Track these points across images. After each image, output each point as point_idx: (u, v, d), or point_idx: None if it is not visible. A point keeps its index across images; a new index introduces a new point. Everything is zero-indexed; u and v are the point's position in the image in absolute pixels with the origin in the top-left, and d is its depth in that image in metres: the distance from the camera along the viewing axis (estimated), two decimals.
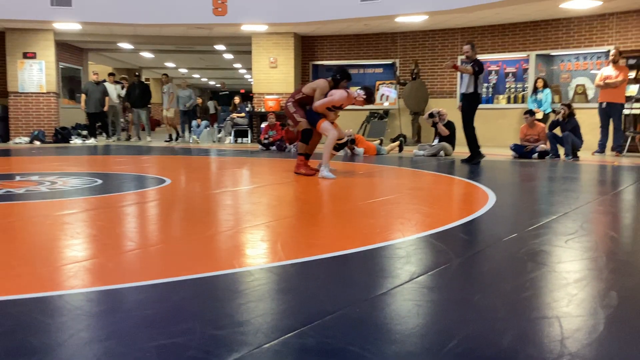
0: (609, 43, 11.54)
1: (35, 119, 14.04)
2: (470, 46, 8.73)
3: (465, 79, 8.71)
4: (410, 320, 2.02)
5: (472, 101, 8.66)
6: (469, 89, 8.60)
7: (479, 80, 8.56)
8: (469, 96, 8.66)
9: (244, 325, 1.92)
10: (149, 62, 22.41)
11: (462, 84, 8.80)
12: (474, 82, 8.54)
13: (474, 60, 8.61)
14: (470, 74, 8.53)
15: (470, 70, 8.50)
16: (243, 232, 3.61)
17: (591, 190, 6.04)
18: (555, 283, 2.48)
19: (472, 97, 8.63)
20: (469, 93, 8.64)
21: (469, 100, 8.69)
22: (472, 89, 8.57)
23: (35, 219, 4.16)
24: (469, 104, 8.69)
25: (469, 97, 8.66)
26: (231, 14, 12.99)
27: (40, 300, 2.20)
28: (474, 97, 8.63)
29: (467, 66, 8.61)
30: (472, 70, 8.48)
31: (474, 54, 8.72)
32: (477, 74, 8.51)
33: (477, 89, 8.59)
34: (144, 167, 8.13)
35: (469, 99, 8.67)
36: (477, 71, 8.49)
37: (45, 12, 12.75)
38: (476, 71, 8.48)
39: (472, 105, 8.66)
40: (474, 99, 8.65)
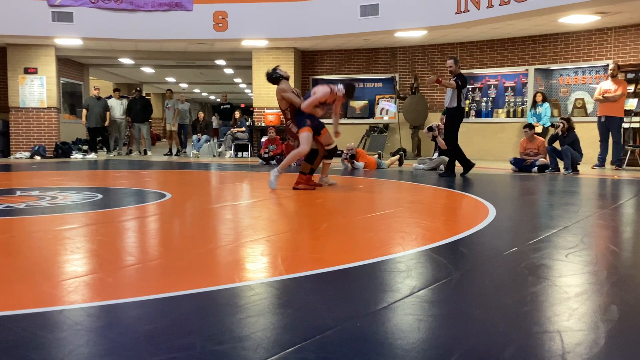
0: (608, 57, 11.60)
1: (36, 133, 14.08)
2: (453, 61, 8.83)
3: (449, 94, 8.78)
4: (411, 334, 2.01)
5: (455, 115, 8.79)
6: (452, 103, 8.71)
7: (462, 94, 8.67)
8: (452, 110, 8.77)
9: (245, 340, 1.92)
10: (149, 77, 22.51)
11: (446, 99, 8.91)
12: (457, 96, 8.64)
13: (457, 75, 8.71)
14: (453, 88, 8.61)
15: (453, 84, 8.59)
16: (243, 246, 3.61)
17: (591, 204, 6.04)
18: (556, 297, 2.48)
19: (455, 111, 8.75)
20: (452, 107, 8.74)
21: (452, 115, 8.80)
22: (456, 103, 8.68)
23: (35, 233, 4.16)
24: (452, 118, 8.81)
25: (452, 111, 8.78)
26: (232, 30, 13.07)
27: (41, 316, 2.20)
28: (457, 112, 8.76)
29: (451, 80, 8.70)
30: (456, 84, 8.56)
31: (457, 69, 8.81)
32: (460, 88, 8.61)
33: (461, 103, 8.71)
34: (144, 182, 8.14)
35: (453, 114, 8.79)
36: (460, 85, 8.59)
37: (46, 27, 12.82)
38: (459, 85, 8.58)
39: (456, 119, 8.80)
40: (457, 114, 8.78)
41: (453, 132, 8.85)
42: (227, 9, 13.00)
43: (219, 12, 12.99)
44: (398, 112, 14.14)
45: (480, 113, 13.58)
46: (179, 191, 7.05)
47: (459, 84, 8.59)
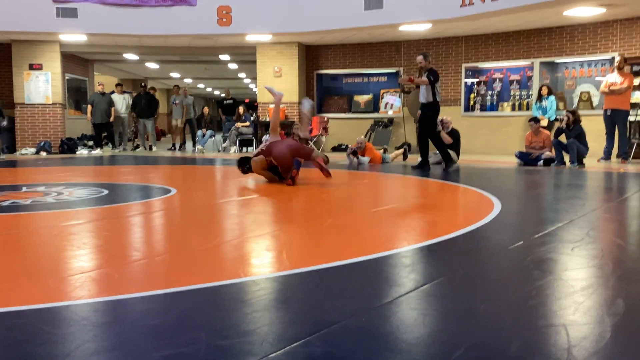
0: (614, 50, 11.53)
1: (41, 129, 14.11)
2: (422, 57, 8.92)
3: (423, 89, 8.87)
4: (416, 329, 2.01)
5: (431, 110, 8.86)
6: (428, 98, 8.79)
7: (436, 89, 8.75)
8: (428, 105, 8.85)
9: (250, 335, 1.92)
10: (154, 72, 22.52)
11: (421, 95, 8.97)
12: (432, 91, 8.72)
13: (428, 70, 8.78)
14: (426, 84, 8.72)
15: (426, 81, 8.68)
16: (248, 241, 3.61)
17: (597, 198, 6.02)
18: (561, 291, 2.47)
19: (431, 106, 8.83)
20: (428, 102, 8.82)
21: (428, 110, 8.88)
22: (431, 98, 8.76)
23: (41, 229, 4.18)
24: (429, 113, 8.89)
25: (428, 106, 8.85)
26: (235, 24, 13.04)
27: (47, 311, 2.21)
28: (433, 106, 8.83)
29: (423, 77, 8.81)
30: (428, 80, 8.65)
31: (428, 64, 8.90)
32: (434, 83, 8.69)
33: (436, 98, 8.78)
34: (149, 177, 8.15)
35: (429, 108, 8.86)
36: (433, 80, 8.67)
37: (51, 23, 12.82)
38: (432, 81, 8.65)
39: (432, 114, 8.89)
40: (433, 108, 8.85)
41: (432, 126, 8.98)
42: (231, 3, 12.98)
43: (223, 7, 12.97)
44: (403, 106, 14.11)
45: (486, 107, 13.53)
46: (184, 186, 7.06)
47: (432, 79, 8.66)
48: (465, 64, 13.54)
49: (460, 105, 13.61)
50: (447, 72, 13.77)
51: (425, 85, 8.74)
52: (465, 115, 13.54)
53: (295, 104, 14.33)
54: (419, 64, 9.05)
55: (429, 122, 8.92)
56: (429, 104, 8.82)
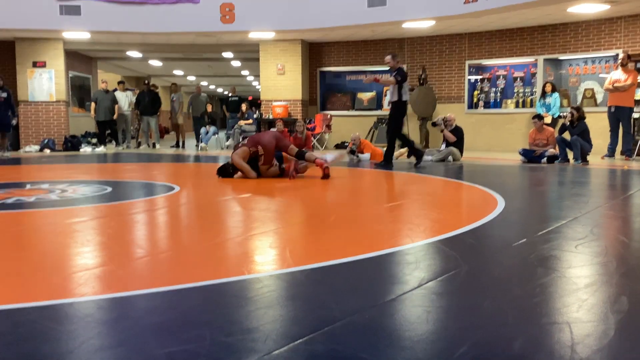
0: (618, 47, 11.49)
1: (45, 127, 14.14)
2: (391, 56, 9.06)
3: (391, 88, 9.04)
4: (419, 326, 2.01)
5: (398, 109, 9.02)
6: (394, 97, 8.95)
7: (403, 88, 8.89)
8: (395, 104, 9.00)
9: (254, 332, 1.93)
10: (157, 70, 22.53)
11: (389, 93, 9.15)
12: (399, 90, 8.87)
13: (397, 70, 8.91)
14: (392, 84, 8.88)
15: (392, 80, 8.84)
16: (252, 238, 3.62)
17: (601, 195, 6.01)
18: (565, 288, 2.47)
19: (398, 104, 8.97)
20: (394, 101, 8.98)
21: (395, 108, 9.03)
22: (397, 97, 8.91)
23: (45, 227, 4.19)
24: (395, 111, 9.05)
25: (395, 105, 9.01)
26: (239, 22, 13.04)
27: (51, 308, 2.22)
28: (400, 105, 8.99)
29: (389, 77, 8.96)
30: (395, 80, 8.79)
31: (396, 64, 9.03)
32: (401, 83, 8.83)
33: (402, 97, 8.93)
34: (153, 175, 8.16)
35: (396, 107, 9.02)
36: (400, 80, 8.80)
37: (54, 21, 12.84)
38: (399, 80, 8.79)
39: (397, 113, 9.04)
40: (400, 107, 9.01)
41: (397, 124, 9.11)
42: (234, 1, 12.97)
43: (226, 4, 12.96)
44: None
45: (489, 104, 13.52)
46: (188, 184, 7.07)
47: (399, 79, 8.79)
48: (469, 61, 13.51)
49: (464, 103, 13.60)
50: (451, 69, 13.75)
51: (392, 85, 8.92)
52: (468, 112, 13.52)
53: (298, 101, 14.34)
54: (387, 63, 9.21)
55: (395, 120, 9.12)
56: (395, 102, 9.00)
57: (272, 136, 7.25)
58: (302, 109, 14.40)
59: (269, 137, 7.19)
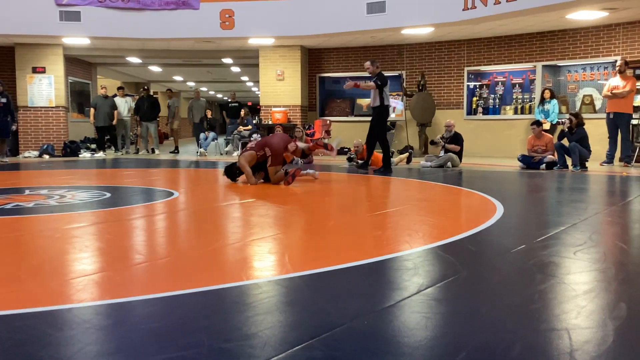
0: (616, 53, 11.52)
1: (44, 132, 14.14)
2: (370, 62, 9.17)
3: (372, 94, 9.11)
4: (418, 332, 2.01)
5: (380, 114, 9.11)
6: (376, 102, 9.04)
7: (384, 93, 8.97)
8: (377, 109, 9.10)
9: (252, 338, 1.92)
10: (157, 75, 22.56)
11: (370, 99, 9.24)
12: (380, 95, 8.96)
13: (377, 75, 9.00)
14: (372, 89, 8.97)
15: (372, 85, 8.93)
16: (250, 244, 3.61)
17: (599, 201, 6.01)
18: (564, 295, 2.47)
19: (380, 109, 9.07)
20: (376, 106, 9.07)
21: (377, 113, 9.13)
22: (379, 102, 9.00)
23: (44, 232, 4.18)
24: (378, 116, 9.14)
25: (377, 110, 9.10)
26: (238, 28, 13.07)
27: (49, 314, 2.21)
28: (382, 110, 9.07)
29: (369, 82, 9.04)
30: (375, 85, 8.89)
31: (376, 69, 9.11)
32: (381, 88, 8.91)
33: (384, 102, 9.02)
34: (152, 180, 8.16)
35: (377, 112, 9.11)
36: (381, 85, 8.88)
37: (54, 27, 12.86)
38: (379, 85, 8.88)
39: (381, 117, 9.14)
40: (382, 112, 9.10)
41: (381, 129, 9.23)
42: (233, 7, 13.01)
43: (226, 11, 13.00)
44: (405, 109, 14.11)
45: (488, 110, 13.53)
46: (187, 189, 7.07)
47: (379, 83, 8.88)
48: (468, 68, 13.54)
49: (463, 109, 13.62)
50: (450, 76, 13.78)
51: (373, 89, 9.02)
52: (467, 118, 13.54)
53: (297, 107, 14.35)
54: (366, 69, 9.31)
55: (377, 125, 9.21)
56: (377, 107, 9.08)
57: (280, 138, 7.38)
58: (301, 115, 14.42)
59: (277, 139, 7.29)
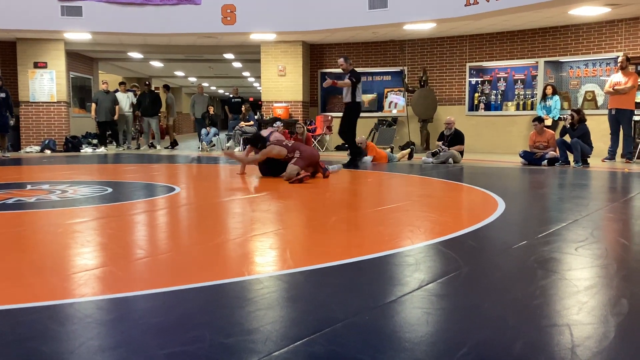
0: (619, 49, 11.49)
1: (46, 128, 14.14)
2: (343, 59, 9.40)
3: (345, 90, 9.35)
4: (419, 328, 2.01)
5: (352, 109, 9.34)
6: (347, 99, 9.29)
7: (357, 89, 9.22)
8: (349, 105, 9.34)
9: (254, 333, 1.93)
10: (158, 71, 22.54)
11: (344, 95, 9.45)
12: (352, 92, 9.22)
13: (350, 72, 9.25)
14: (349, 86, 9.18)
15: (348, 83, 9.15)
16: (252, 240, 3.62)
17: (601, 198, 6.01)
18: (565, 291, 2.47)
19: (352, 106, 9.31)
20: (348, 102, 9.31)
21: (349, 109, 9.36)
22: (350, 98, 9.25)
23: (46, 227, 4.19)
24: (350, 112, 9.37)
25: (349, 106, 9.34)
26: (240, 23, 13.05)
27: (51, 309, 2.22)
28: (354, 106, 9.31)
29: (345, 79, 9.23)
30: (351, 82, 9.10)
31: (349, 66, 9.37)
32: (355, 84, 9.16)
33: (356, 98, 9.26)
34: (153, 176, 8.17)
35: (350, 108, 9.34)
36: (355, 82, 9.13)
37: (55, 22, 12.85)
38: (354, 82, 9.12)
39: (353, 113, 9.37)
40: (354, 108, 9.33)
41: (350, 125, 9.44)
42: (235, 2, 12.99)
43: (228, 6, 12.97)
44: (407, 105, 14.10)
45: (490, 106, 13.51)
46: (188, 185, 7.07)
47: (353, 80, 9.11)
48: (470, 63, 13.52)
49: (465, 105, 13.60)
50: (452, 72, 13.76)
51: (347, 87, 9.23)
52: (469, 114, 13.53)
53: (299, 102, 14.34)
54: (340, 66, 9.49)
55: (348, 121, 9.43)
56: (350, 103, 9.30)
57: (311, 151, 7.47)
58: (302, 111, 14.40)
59: (310, 150, 7.45)
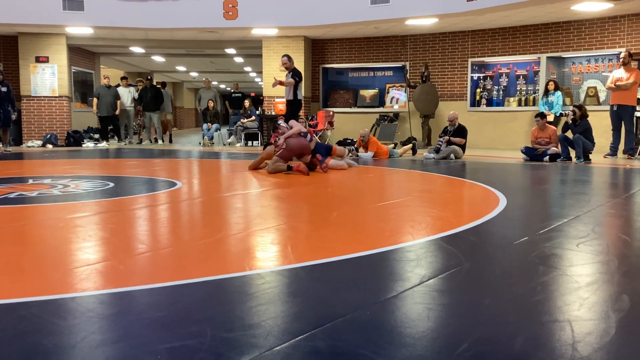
0: (621, 45, 11.47)
1: (47, 122, 14.15)
2: (287, 57, 9.74)
3: (287, 88, 9.66)
4: (420, 323, 2.02)
5: (293, 106, 9.69)
6: (290, 96, 9.63)
7: (298, 87, 9.57)
8: (290, 102, 9.69)
9: (255, 328, 1.93)
10: (160, 65, 22.53)
11: (285, 92, 9.77)
12: (294, 89, 9.56)
13: (292, 70, 9.61)
14: (292, 85, 9.53)
15: (292, 82, 9.51)
16: (253, 235, 3.62)
17: (603, 194, 6.00)
18: (566, 287, 2.47)
19: (293, 103, 9.65)
20: (290, 100, 9.66)
21: (290, 106, 9.71)
22: (292, 96, 9.59)
23: (47, 222, 4.19)
24: (291, 109, 9.71)
25: (290, 103, 9.69)
26: (242, 18, 13.03)
27: (53, 303, 2.22)
28: (294, 103, 9.67)
29: (289, 78, 9.59)
30: (294, 81, 9.49)
31: (291, 65, 9.69)
32: (297, 83, 9.52)
33: (297, 96, 9.61)
34: (155, 170, 8.17)
35: (291, 105, 9.69)
36: (297, 81, 9.51)
37: (57, 16, 12.84)
38: (297, 81, 9.50)
39: (294, 110, 9.70)
40: (295, 105, 9.68)
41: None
42: None
43: (229, 1, 12.95)
44: (408, 100, 14.08)
45: (492, 102, 13.50)
46: (190, 180, 7.08)
47: (297, 79, 9.50)
48: (472, 59, 13.49)
49: (466, 100, 13.58)
50: (454, 67, 13.74)
51: (291, 85, 9.54)
52: (471, 110, 13.51)
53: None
54: (283, 64, 9.77)
55: (288, 117, 9.61)
56: (291, 101, 9.63)
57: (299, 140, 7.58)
58: (304, 106, 14.38)
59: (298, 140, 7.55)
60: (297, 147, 7.44)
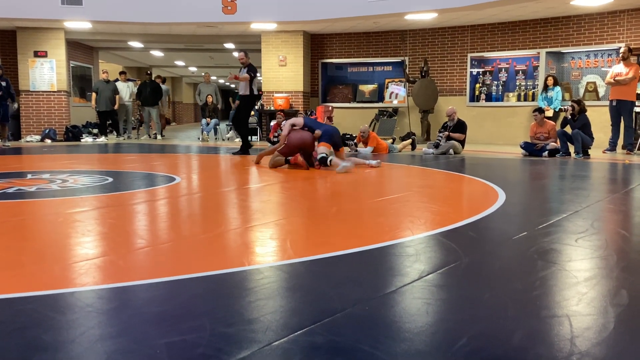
0: (620, 40, 11.45)
1: (46, 117, 14.13)
2: (243, 53, 9.83)
3: (242, 83, 9.79)
4: (419, 318, 2.02)
5: (248, 101, 9.93)
6: (245, 91, 9.76)
7: (253, 83, 9.72)
8: (245, 97, 9.87)
9: (254, 323, 1.93)
10: (158, 60, 22.48)
11: (240, 87, 9.92)
12: (249, 85, 9.68)
13: (248, 66, 9.70)
14: (248, 80, 9.63)
15: (247, 77, 9.60)
16: (252, 230, 3.62)
17: (602, 189, 6.01)
18: (565, 282, 2.48)
19: (248, 98, 9.86)
20: (245, 95, 9.81)
21: (245, 101, 9.92)
22: (248, 91, 9.73)
23: (46, 216, 4.19)
24: (245, 104, 9.95)
25: (245, 98, 9.87)
26: (240, 13, 13.00)
27: (52, 298, 2.22)
28: (250, 98, 9.88)
29: (244, 74, 9.65)
30: (250, 76, 9.58)
31: (247, 60, 9.78)
32: (252, 78, 9.67)
33: (253, 91, 9.77)
34: (154, 165, 8.16)
35: (246, 100, 9.90)
36: (252, 76, 9.64)
37: (56, 10, 12.81)
38: (252, 76, 9.63)
39: (248, 104, 10.00)
40: (250, 100, 9.92)
41: (245, 117, 10.18)
42: None
43: None
44: (407, 96, 14.07)
45: (491, 97, 13.49)
46: (189, 175, 7.07)
47: (252, 75, 9.62)
48: (471, 54, 13.47)
49: (466, 95, 13.57)
50: (453, 62, 13.71)
51: (246, 80, 9.63)
52: (470, 105, 13.50)
53: (299, 92, 14.31)
54: (240, 60, 9.86)
55: (243, 111, 10.05)
56: (246, 96, 9.78)
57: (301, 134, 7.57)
58: (303, 101, 14.38)
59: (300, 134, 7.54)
60: (297, 142, 7.41)
